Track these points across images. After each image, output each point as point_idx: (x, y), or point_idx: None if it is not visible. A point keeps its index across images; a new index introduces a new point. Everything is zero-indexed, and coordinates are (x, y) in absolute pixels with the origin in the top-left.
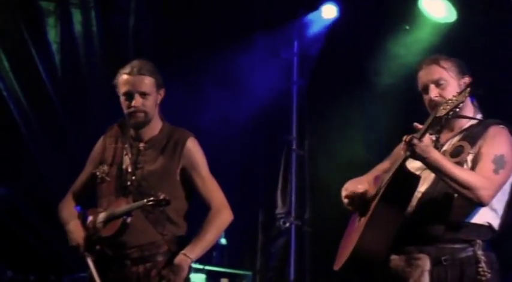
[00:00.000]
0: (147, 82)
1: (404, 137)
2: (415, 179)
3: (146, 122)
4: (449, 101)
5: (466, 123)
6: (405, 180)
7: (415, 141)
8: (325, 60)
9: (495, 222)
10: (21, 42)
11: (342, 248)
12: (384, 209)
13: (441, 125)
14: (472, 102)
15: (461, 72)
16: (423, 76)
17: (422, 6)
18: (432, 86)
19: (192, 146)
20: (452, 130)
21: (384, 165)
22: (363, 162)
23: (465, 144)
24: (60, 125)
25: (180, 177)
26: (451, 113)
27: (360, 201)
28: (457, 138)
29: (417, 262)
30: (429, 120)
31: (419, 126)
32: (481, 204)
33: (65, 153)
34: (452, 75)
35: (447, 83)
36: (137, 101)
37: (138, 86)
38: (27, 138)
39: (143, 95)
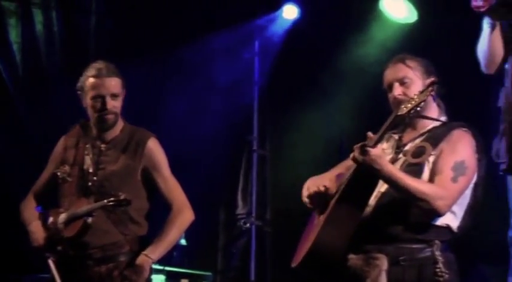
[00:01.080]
0: (116, 83)
1: (354, 147)
2: (375, 179)
3: (115, 123)
4: (411, 100)
5: (430, 124)
6: (365, 179)
7: (368, 151)
8: (287, 60)
9: (454, 224)
10: None
11: (301, 245)
12: (343, 206)
13: (404, 123)
14: (438, 103)
15: (427, 73)
16: (388, 74)
17: (383, 6)
18: (396, 84)
19: (153, 146)
20: (415, 130)
21: (348, 162)
22: (323, 162)
23: (427, 145)
24: (21, 125)
25: (142, 177)
26: (412, 111)
27: (320, 199)
28: (419, 139)
29: (375, 262)
30: (389, 120)
31: (372, 136)
32: (438, 214)
33: (26, 153)
34: (418, 74)
35: (411, 82)
36: (109, 103)
37: (108, 88)
38: None
39: (114, 96)
